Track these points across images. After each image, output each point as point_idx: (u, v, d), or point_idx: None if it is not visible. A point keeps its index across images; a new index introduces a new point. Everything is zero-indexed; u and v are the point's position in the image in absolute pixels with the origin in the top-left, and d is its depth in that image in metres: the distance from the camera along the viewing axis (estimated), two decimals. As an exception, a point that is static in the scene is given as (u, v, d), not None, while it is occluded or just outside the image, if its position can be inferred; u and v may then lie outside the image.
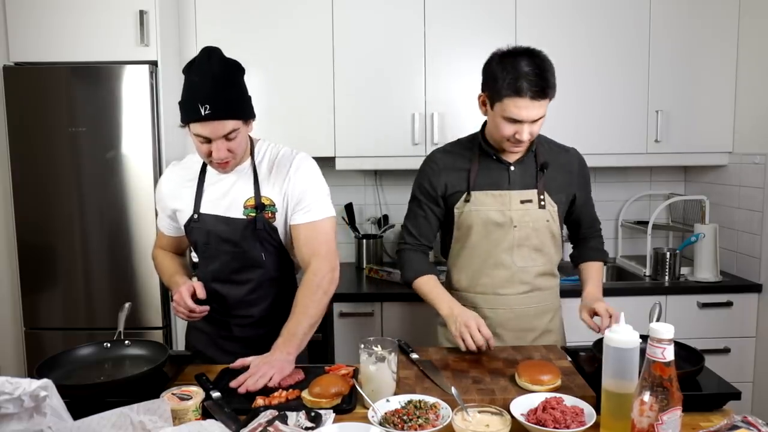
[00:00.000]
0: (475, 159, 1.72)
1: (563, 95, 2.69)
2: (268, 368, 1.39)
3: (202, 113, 1.44)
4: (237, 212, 1.61)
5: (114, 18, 2.40)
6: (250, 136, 1.65)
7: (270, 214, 1.62)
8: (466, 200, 1.70)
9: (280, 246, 1.67)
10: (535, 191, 1.69)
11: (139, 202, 2.42)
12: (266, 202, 1.61)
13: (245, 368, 1.42)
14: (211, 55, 1.50)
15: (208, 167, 1.66)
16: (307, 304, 1.53)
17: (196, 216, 1.63)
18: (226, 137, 1.49)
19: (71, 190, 2.42)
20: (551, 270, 1.77)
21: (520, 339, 1.73)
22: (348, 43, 2.68)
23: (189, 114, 1.47)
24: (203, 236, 1.64)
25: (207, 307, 1.60)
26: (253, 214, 1.60)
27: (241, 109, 1.52)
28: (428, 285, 1.72)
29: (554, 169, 1.72)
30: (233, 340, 1.70)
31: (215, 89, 1.47)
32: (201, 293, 1.59)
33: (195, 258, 1.76)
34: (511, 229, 1.68)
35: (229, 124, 1.48)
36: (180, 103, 1.52)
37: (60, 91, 2.38)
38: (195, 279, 1.78)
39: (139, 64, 2.38)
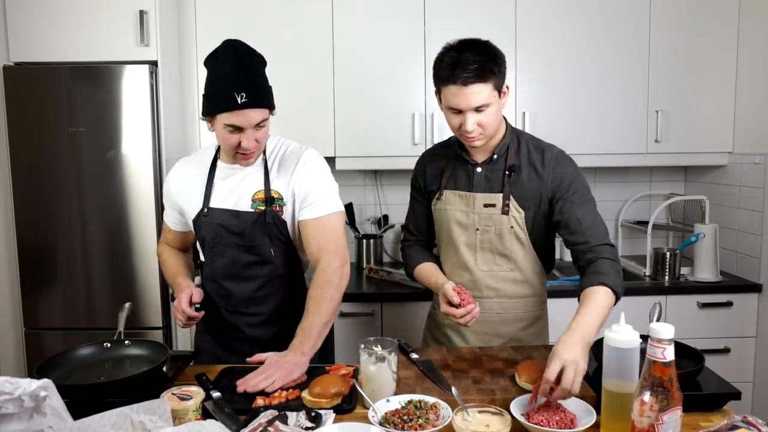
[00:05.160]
0: (452, 158, 1.71)
1: (563, 95, 2.74)
2: (275, 370, 1.39)
3: (239, 101, 1.46)
4: (246, 205, 1.62)
5: (114, 18, 2.40)
6: None
7: (278, 208, 1.62)
8: (438, 198, 1.71)
9: (288, 242, 1.67)
10: (500, 195, 1.61)
11: (139, 202, 2.42)
12: (275, 196, 1.62)
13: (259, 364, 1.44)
14: (236, 46, 1.52)
15: (219, 163, 1.68)
16: (319, 302, 1.53)
17: (205, 210, 1.63)
18: (257, 126, 1.52)
19: (71, 190, 2.42)
20: (523, 278, 1.68)
21: (485, 343, 1.69)
22: (348, 43, 2.68)
23: (223, 103, 1.48)
24: (212, 231, 1.64)
25: (201, 313, 1.61)
26: (262, 208, 1.61)
27: (270, 99, 1.56)
28: (424, 271, 1.73)
29: (526, 173, 1.61)
30: (245, 341, 1.69)
31: (249, 78, 1.49)
32: (196, 297, 1.60)
33: (202, 257, 1.75)
34: (474, 232, 1.65)
35: (262, 113, 1.52)
36: (207, 95, 1.52)
37: (60, 91, 2.38)
38: (198, 279, 1.79)
39: (139, 64, 2.38)
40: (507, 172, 1.62)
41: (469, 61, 1.45)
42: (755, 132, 2.64)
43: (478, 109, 1.49)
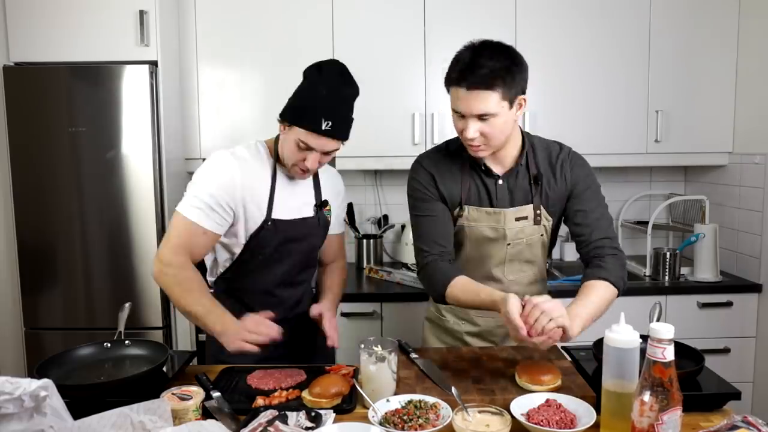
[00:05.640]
0: (466, 168, 1.59)
1: (563, 95, 2.73)
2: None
3: (323, 127, 1.47)
4: (309, 212, 1.68)
5: (114, 18, 2.40)
6: None
7: (328, 208, 1.75)
8: (459, 215, 1.59)
9: None
10: (531, 206, 1.57)
11: (139, 202, 2.42)
12: (327, 199, 1.74)
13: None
14: (343, 72, 1.54)
15: (278, 172, 1.63)
16: (341, 287, 1.85)
17: (269, 222, 1.59)
18: (326, 152, 1.53)
19: (71, 190, 2.42)
20: (541, 276, 1.71)
21: (509, 342, 1.70)
22: (348, 44, 2.68)
23: (307, 123, 1.48)
24: (276, 240, 1.61)
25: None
26: (318, 213, 1.70)
27: (349, 131, 1.58)
28: (468, 287, 1.47)
29: (547, 179, 1.57)
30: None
31: (341, 109, 1.51)
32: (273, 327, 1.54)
33: (220, 271, 1.68)
34: (504, 246, 1.60)
35: (337, 144, 1.54)
36: (295, 105, 1.52)
37: (60, 91, 2.38)
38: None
39: (139, 64, 2.38)
40: (532, 182, 1.57)
41: (479, 66, 1.37)
42: (755, 132, 2.64)
43: (481, 118, 1.41)
